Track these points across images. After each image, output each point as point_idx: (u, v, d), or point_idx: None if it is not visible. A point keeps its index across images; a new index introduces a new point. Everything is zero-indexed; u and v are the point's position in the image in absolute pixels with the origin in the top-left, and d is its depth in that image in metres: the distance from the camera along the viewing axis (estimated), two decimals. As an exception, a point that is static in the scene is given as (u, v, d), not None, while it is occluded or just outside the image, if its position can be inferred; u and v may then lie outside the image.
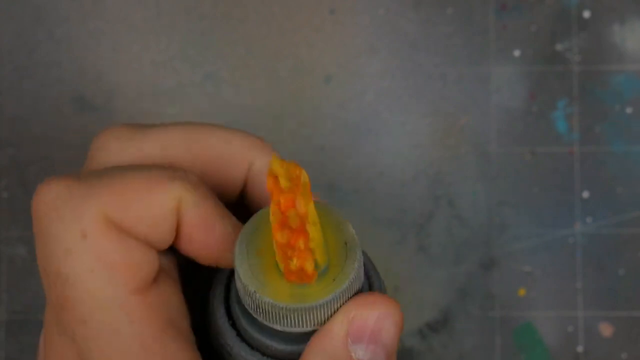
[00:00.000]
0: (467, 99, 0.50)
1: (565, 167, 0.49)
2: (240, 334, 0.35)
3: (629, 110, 0.49)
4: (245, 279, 0.34)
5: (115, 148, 0.38)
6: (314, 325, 0.34)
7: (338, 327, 0.35)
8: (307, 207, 0.33)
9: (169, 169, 0.36)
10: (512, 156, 0.49)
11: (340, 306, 0.34)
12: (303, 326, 0.34)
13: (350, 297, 0.34)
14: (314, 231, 0.33)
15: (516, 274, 0.49)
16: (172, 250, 0.37)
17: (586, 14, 0.50)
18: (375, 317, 0.35)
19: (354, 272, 0.34)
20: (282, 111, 0.50)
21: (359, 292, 0.34)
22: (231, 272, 0.36)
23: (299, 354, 0.34)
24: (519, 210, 0.49)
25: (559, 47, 0.50)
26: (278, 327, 0.34)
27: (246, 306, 0.34)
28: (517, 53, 0.50)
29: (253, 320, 0.35)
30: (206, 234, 0.36)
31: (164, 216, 0.35)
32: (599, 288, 0.49)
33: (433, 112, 0.50)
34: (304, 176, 0.33)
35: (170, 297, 0.37)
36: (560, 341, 0.49)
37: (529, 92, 0.50)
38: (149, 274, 0.36)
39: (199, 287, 0.38)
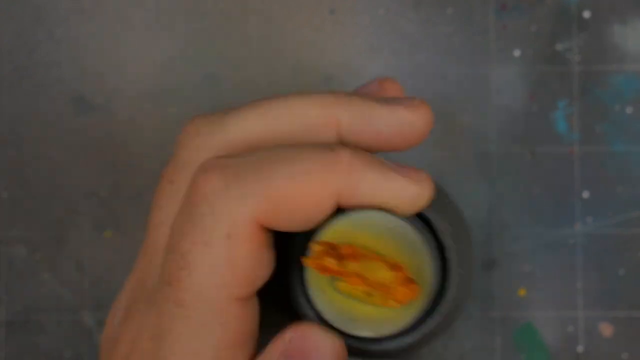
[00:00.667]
0: (467, 99, 0.50)
1: (565, 167, 0.49)
2: (319, 315, 0.37)
3: (629, 110, 0.49)
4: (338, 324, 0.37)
5: (197, 144, 0.39)
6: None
7: (275, 348, 0.37)
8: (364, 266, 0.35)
9: (325, 157, 0.36)
10: (512, 156, 0.49)
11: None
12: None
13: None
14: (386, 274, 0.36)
15: (516, 274, 0.49)
16: None
17: (586, 14, 0.50)
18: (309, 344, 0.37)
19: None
20: (282, 111, 0.50)
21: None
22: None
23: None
24: (519, 210, 0.49)
25: (559, 47, 0.50)
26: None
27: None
28: (517, 53, 0.50)
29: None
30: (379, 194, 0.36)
31: (320, 212, 0.36)
32: (599, 288, 0.49)
33: (433, 112, 0.50)
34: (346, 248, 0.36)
35: (255, 315, 0.38)
36: (560, 341, 0.49)
37: (529, 92, 0.50)
38: (256, 288, 0.37)
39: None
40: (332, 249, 0.36)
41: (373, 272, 0.35)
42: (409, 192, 0.36)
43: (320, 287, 0.37)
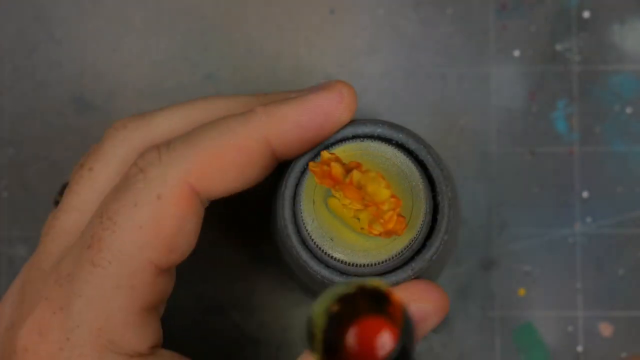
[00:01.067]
0: (467, 99, 0.50)
1: (565, 167, 0.49)
2: (309, 248, 0.38)
3: (628, 110, 0.49)
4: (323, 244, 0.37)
5: (123, 137, 0.40)
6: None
7: None
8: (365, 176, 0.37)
9: (242, 114, 0.38)
10: (512, 156, 0.49)
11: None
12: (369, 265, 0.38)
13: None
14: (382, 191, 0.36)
15: (516, 274, 0.49)
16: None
17: (586, 14, 0.50)
18: (428, 310, 0.38)
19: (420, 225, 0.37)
20: (282, 111, 0.50)
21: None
22: (301, 174, 0.38)
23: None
24: (519, 210, 0.49)
25: (559, 47, 0.50)
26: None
27: (319, 254, 0.38)
28: (517, 53, 0.50)
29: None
30: (306, 129, 0.38)
31: (252, 155, 0.38)
32: (599, 288, 0.49)
33: (433, 112, 0.50)
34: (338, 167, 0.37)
35: (166, 292, 0.39)
36: (560, 341, 0.49)
37: (528, 92, 0.50)
38: (175, 261, 0.38)
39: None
40: (339, 161, 0.37)
41: (373, 187, 0.36)
42: (330, 99, 0.38)
43: (311, 199, 0.38)
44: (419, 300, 0.38)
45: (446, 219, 0.38)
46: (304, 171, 0.38)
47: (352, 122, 0.39)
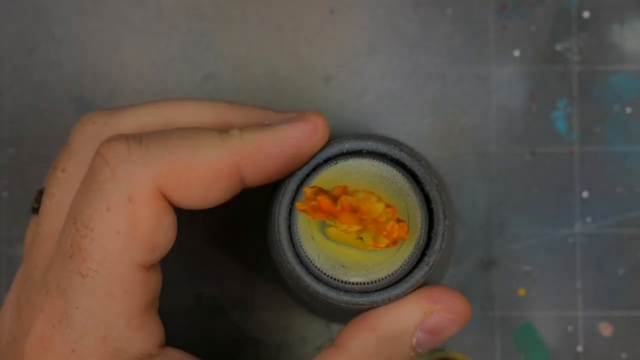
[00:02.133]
0: (467, 99, 0.50)
1: (565, 167, 0.49)
2: (308, 269, 0.38)
3: (628, 110, 0.49)
4: (327, 269, 0.37)
5: (90, 133, 0.39)
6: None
7: (413, 313, 0.38)
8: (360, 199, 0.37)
9: (219, 133, 0.37)
10: (512, 156, 0.49)
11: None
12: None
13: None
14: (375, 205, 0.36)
15: (516, 274, 0.49)
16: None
17: (586, 14, 0.50)
18: (450, 319, 0.38)
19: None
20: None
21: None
22: (296, 191, 0.38)
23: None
24: (519, 210, 0.49)
25: (558, 47, 0.50)
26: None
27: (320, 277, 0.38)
28: (517, 53, 0.50)
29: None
30: (276, 160, 0.38)
31: (218, 186, 0.37)
32: (599, 288, 0.49)
33: (433, 112, 0.50)
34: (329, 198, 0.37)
35: (158, 285, 0.39)
36: (560, 341, 0.49)
37: (529, 92, 0.50)
38: (158, 257, 0.37)
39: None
40: (324, 192, 0.36)
41: (367, 206, 0.36)
42: (303, 131, 0.38)
43: (309, 236, 0.38)
44: (442, 310, 0.38)
45: (441, 205, 0.38)
46: (291, 210, 0.38)
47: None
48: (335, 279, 0.37)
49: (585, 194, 0.49)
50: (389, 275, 0.37)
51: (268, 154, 0.37)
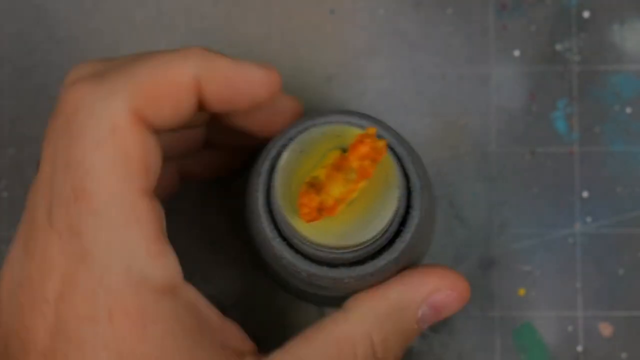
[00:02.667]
0: (467, 99, 0.50)
1: (565, 167, 0.49)
2: (290, 244, 0.39)
3: (628, 110, 0.49)
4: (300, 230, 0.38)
5: (87, 88, 0.40)
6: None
7: (422, 287, 0.40)
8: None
9: (181, 54, 0.39)
10: (512, 156, 0.49)
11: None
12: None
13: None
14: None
15: (516, 274, 0.49)
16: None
17: (586, 14, 0.50)
18: (454, 297, 0.40)
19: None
20: (282, 111, 0.50)
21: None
22: (271, 170, 0.39)
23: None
24: (519, 210, 0.49)
25: (558, 47, 0.50)
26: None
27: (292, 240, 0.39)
28: (517, 53, 0.50)
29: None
30: (233, 89, 0.39)
31: (186, 89, 0.38)
32: (599, 288, 0.49)
33: (433, 112, 0.50)
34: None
35: (163, 213, 0.39)
36: (560, 341, 0.49)
37: (529, 92, 0.50)
38: (154, 177, 0.38)
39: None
40: (311, 186, 0.37)
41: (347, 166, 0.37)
42: (259, 74, 0.39)
43: (291, 210, 0.38)
44: (449, 287, 0.40)
45: (417, 179, 0.39)
46: (270, 176, 0.39)
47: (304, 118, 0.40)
48: (317, 244, 0.38)
49: (585, 194, 0.49)
50: (361, 244, 0.38)
51: (226, 78, 0.39)
